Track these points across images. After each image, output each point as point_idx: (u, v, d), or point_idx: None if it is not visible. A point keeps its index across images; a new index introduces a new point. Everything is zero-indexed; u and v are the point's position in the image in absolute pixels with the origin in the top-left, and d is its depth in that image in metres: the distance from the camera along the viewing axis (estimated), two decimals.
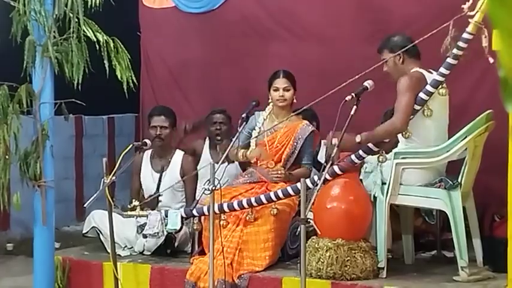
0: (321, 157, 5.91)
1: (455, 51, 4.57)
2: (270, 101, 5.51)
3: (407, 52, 4.90)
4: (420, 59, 4.96)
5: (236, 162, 5.74)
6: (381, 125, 4.85)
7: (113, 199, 4.91)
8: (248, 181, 5.44)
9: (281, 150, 5.46)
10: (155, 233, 5.27)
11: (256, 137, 5.44)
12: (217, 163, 4.80)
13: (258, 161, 5.48)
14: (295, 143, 5.44)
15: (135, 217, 5.42)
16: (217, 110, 6.28)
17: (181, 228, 5.25)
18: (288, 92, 5.44)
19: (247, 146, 5.50)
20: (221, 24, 6.83)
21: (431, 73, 4.82)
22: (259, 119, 5.48)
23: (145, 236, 5.40)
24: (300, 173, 5.37)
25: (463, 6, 4.49)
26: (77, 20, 4.83)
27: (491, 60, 4.30)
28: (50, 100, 5.01)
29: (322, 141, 5.98)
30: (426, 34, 4.52)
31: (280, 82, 5.45)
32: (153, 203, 5.66)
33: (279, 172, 5.34)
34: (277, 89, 5.45)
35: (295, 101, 5.49)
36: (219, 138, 6.19)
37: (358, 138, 4.74)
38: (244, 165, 5.71)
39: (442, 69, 4.68)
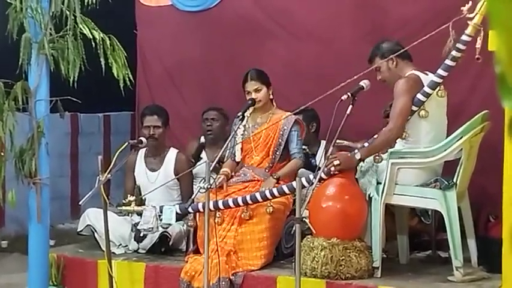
0: (319, 157, 5.92)
1: (453, 53, 4.57)
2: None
3: (400, 55, 4.89)
4: (412, 61, 4.95)
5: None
6: (378, 134, 4.83)
7: (108, 197, 4.89)
8: (241, 180, 5.43)
9: (268, 144, 5.45)
10: (150, 228, 5.26)
11: (242, 135, 5.45)
12: (212, 162, 4.80)
13: (245, 160, 5.48)
14: (281, 134, 5.43)
15: (129, 214, 5.41)
16: (211, 107, 6.32)
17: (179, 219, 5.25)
18: (260, 92, 5.42)
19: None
20: (218, 22, 6.82)
21: (427, 75, 4.82)
22: (237, 121, 5.43)
23: (139, 240, 5.41)
24: (291, 166, 5.37)
25: (462, 8, 4.49)
26: (73, 17, 4.82)
27: (478, 59, 4.30)
28: (45, 97, 4.99)
29: (322, 142, 5.98)
30: (423, 35, 4.52)
31: (250, 86, 5.44)
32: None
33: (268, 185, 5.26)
34: (249, 93, 5.44)
35: (271, 96, 5.48)
36: (210, 133, 6.22)
37: (358, 156, 4.74)
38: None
39: (440, 71, 4.68)
